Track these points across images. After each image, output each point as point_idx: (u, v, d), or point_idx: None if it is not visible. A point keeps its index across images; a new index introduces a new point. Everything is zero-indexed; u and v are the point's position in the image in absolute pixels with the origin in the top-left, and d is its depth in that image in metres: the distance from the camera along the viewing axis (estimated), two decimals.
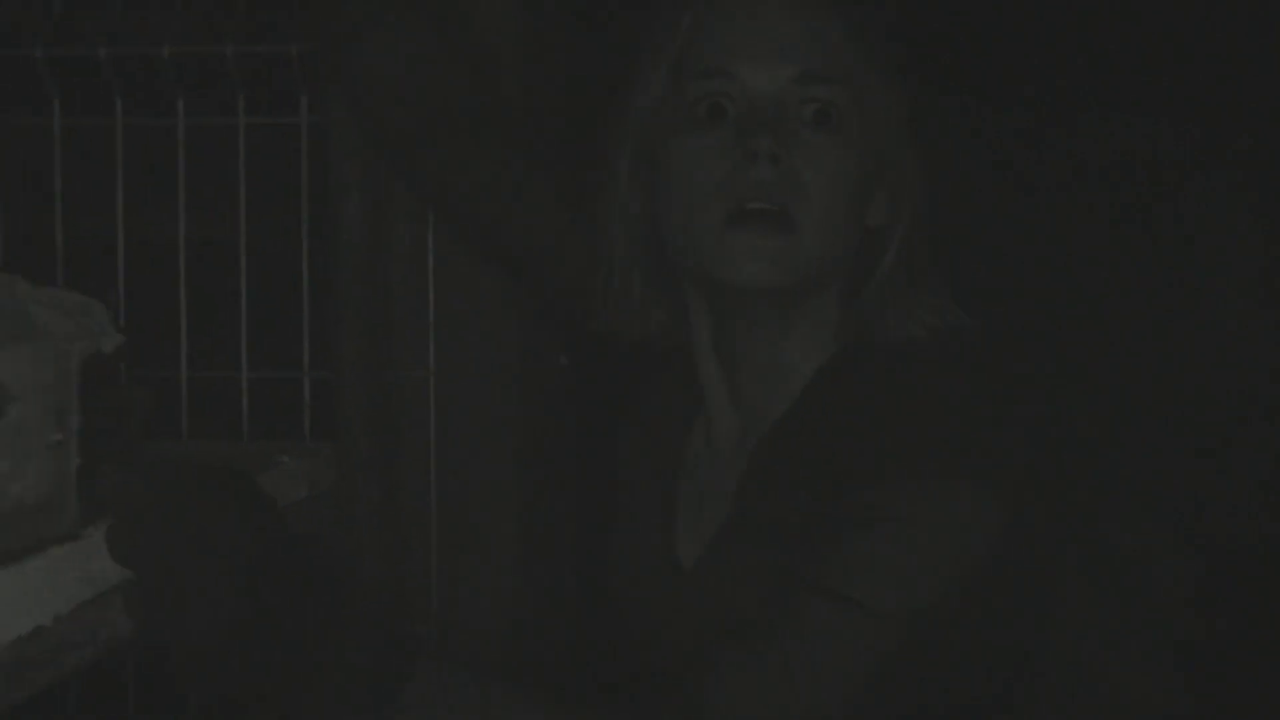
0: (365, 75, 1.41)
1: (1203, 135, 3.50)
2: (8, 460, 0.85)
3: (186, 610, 0.91)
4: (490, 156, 1.42)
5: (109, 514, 0.91)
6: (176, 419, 1.53)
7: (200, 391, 1.55)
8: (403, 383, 1.56)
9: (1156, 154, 3.54)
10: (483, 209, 1.44)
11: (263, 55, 1.45)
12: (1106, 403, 3.63)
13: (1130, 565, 1.54)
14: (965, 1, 3.42)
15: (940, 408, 1.16)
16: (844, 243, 1.23)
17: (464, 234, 1.59)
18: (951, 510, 1.10)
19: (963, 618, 1.10)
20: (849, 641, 1.08)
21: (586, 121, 1.32)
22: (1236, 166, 3.54)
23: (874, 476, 1.12)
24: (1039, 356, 1.16)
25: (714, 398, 1.30)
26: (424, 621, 1.56)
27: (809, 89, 1.21)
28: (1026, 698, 1.23)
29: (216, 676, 0.93)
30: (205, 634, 0.92)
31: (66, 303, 0.92)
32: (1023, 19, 3.46)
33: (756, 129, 1.18)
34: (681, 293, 1.29)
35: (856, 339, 1.26)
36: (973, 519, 1.10)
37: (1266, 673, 2.47)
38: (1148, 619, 1.60)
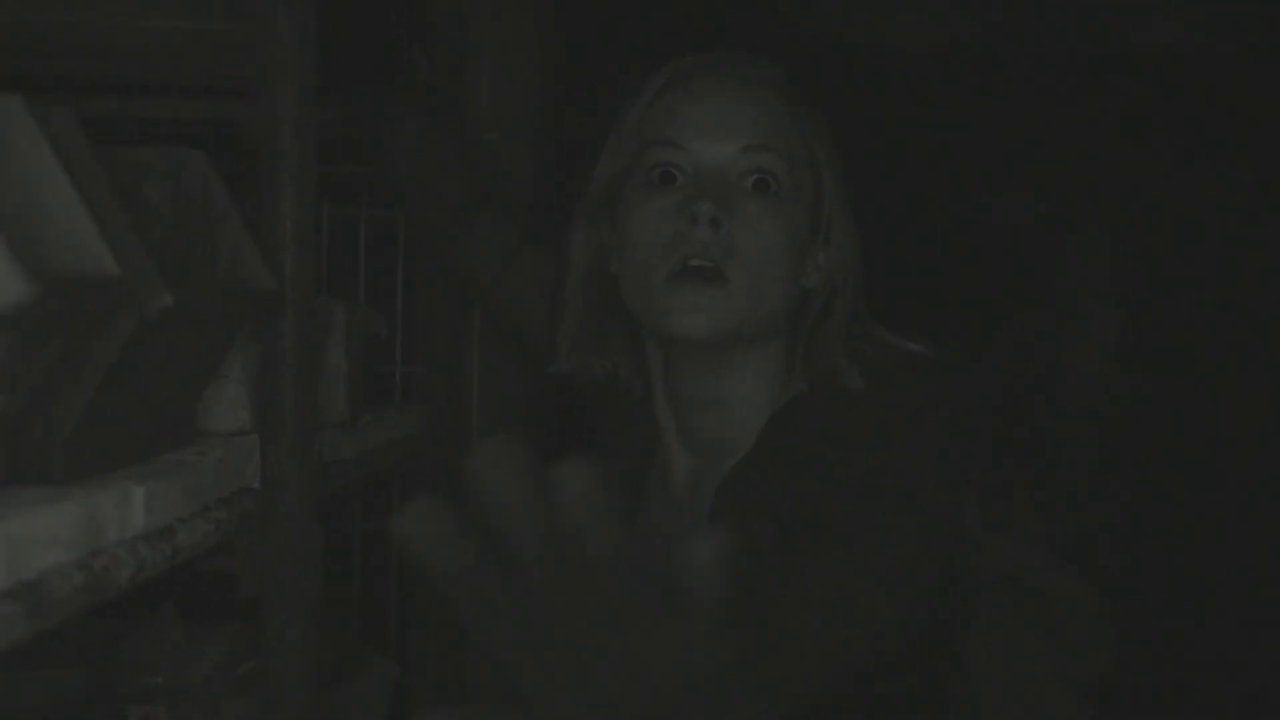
0: (395, 171, 1.66)
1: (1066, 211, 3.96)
2: None
3: None
4: (494, 234, 1.63)
5: None
6: None
7: None
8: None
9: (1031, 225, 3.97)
10: (482, 276, 1.65)
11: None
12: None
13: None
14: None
15: (888, 444, 1.24)
16: (774, 299, 1.30)
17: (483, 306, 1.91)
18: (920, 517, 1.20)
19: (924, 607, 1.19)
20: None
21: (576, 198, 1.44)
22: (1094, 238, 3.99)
23: (838, 504, 1.20)
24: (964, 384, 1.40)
25: (667, 435, 1.39)
26: None
27: (751, 158, 1.29)
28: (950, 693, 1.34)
29: None
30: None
31: None
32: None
33: (700, 195, 1.27)
34: (640, 339, 1.39)
35: (808, 388, 1.32)
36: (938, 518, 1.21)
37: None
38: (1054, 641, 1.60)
